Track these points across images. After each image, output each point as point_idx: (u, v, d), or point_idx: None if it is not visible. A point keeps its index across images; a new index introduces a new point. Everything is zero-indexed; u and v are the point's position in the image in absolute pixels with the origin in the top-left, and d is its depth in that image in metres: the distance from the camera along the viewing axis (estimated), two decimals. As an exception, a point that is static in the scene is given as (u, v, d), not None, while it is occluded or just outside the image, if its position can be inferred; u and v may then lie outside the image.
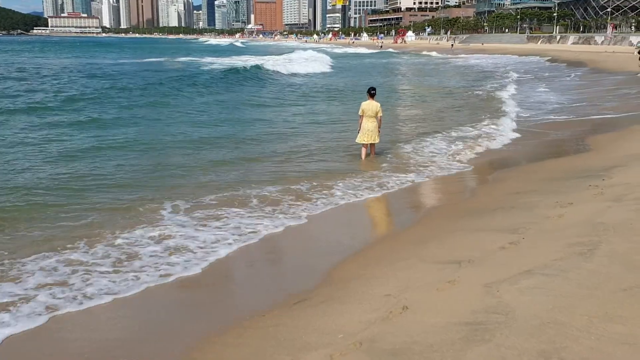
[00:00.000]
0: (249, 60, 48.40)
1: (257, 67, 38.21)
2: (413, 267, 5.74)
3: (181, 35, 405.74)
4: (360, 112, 12.09)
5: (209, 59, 56.48)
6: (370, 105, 11.97)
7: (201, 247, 6.89)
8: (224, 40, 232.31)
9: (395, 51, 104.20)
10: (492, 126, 16.42)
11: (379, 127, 12.11)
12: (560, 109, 20.40)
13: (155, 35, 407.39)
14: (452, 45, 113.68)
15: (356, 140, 12.21)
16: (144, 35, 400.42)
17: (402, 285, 5.16)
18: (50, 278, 5.93)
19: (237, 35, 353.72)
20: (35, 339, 4.88)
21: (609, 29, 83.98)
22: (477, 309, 4.21)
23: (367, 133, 11.92)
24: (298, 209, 8.49)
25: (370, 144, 12.05)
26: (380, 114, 12.05)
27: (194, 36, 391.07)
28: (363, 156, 12.07)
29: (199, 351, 4.55)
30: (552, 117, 18.50)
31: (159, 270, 6.23)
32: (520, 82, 33.19)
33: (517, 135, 15.07)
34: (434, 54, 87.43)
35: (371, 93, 12.12)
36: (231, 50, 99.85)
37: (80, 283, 5.86)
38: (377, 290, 5.16)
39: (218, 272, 6.42)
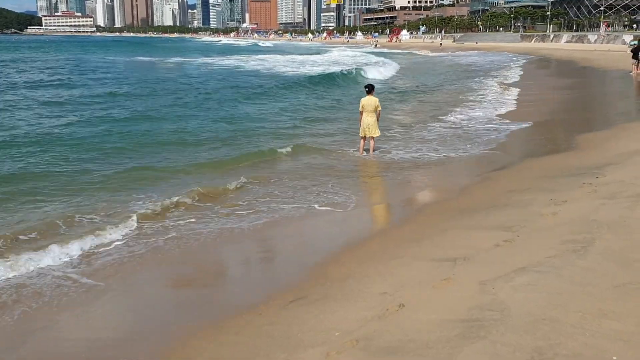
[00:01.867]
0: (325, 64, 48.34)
1: (359, 73, 36.42)
2: (408, 265, 5.76)
3: (184, 35, 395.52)
4: (360, 108, 12.58)
5: (284, 60, 55.73)
6: (369, 101, 12.48)
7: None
8: (244, 40, 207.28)
9: (417, 51, 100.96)
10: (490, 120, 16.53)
11: (377, 121, 12.55)
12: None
13: (151, 34, 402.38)
14: (441, 44, 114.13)
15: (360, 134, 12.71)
16: (145, 35, 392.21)
17: (398, 283, 5.18)
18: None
19: (232, 34, 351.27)
20: (28, 339, 4.88)
21: (602, 27, 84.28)
22: (472, 306, 4.23)
23: (367, 127, 12.41)
24: (290, 204, 8.53)
25: (370, 137, 12.48)
26: (379, 109, 12.61)
27: (190, 35, 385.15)
28: (361, 149, 12.57)
29: (195, 349, 4.55)
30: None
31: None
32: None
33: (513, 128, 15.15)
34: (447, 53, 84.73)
35: (369, 89, 12.68)
36: (277, 51, 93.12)
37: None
38: (373, 288, 5.17)
39: (211, 269, 6.46)
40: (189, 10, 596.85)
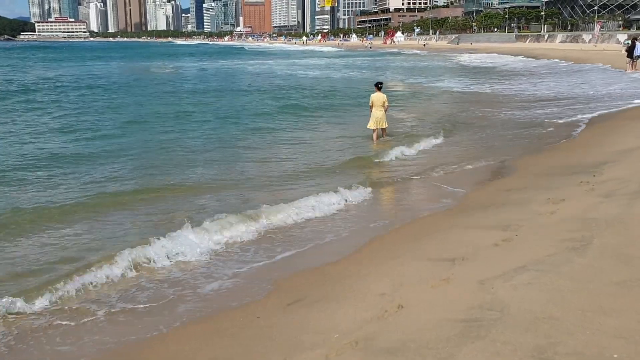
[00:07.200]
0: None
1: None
2: (407, 265, 5.74)
3: (175, 39, 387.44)
4: (370, 103, 14.13)
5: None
6: (378, 97, 14.03)
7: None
8: (292, 44, 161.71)
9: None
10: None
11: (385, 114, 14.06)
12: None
13: (144, 39, 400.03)
14: (425, 45, 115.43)
15: (367, 126, 14.26)
16: (139, 39, 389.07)
17: (397, 283, 5.15)
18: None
19: (226, 37, 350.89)
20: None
21: (596, 27, 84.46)
22: (471, 305, 4.21)
23: (377, 120, 13.98)
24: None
25: (381, 128, 14.12)
26: (387, 104, 14.10)
27: (184, 39, 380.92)
28: (374, 139, 14.10)
29: (194, 352, 4.52)
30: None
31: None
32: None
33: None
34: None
35: (378, 86, 14.24)
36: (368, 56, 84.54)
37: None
38: (372, 289, 5.15)
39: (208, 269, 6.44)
40: (183, 15, 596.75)
